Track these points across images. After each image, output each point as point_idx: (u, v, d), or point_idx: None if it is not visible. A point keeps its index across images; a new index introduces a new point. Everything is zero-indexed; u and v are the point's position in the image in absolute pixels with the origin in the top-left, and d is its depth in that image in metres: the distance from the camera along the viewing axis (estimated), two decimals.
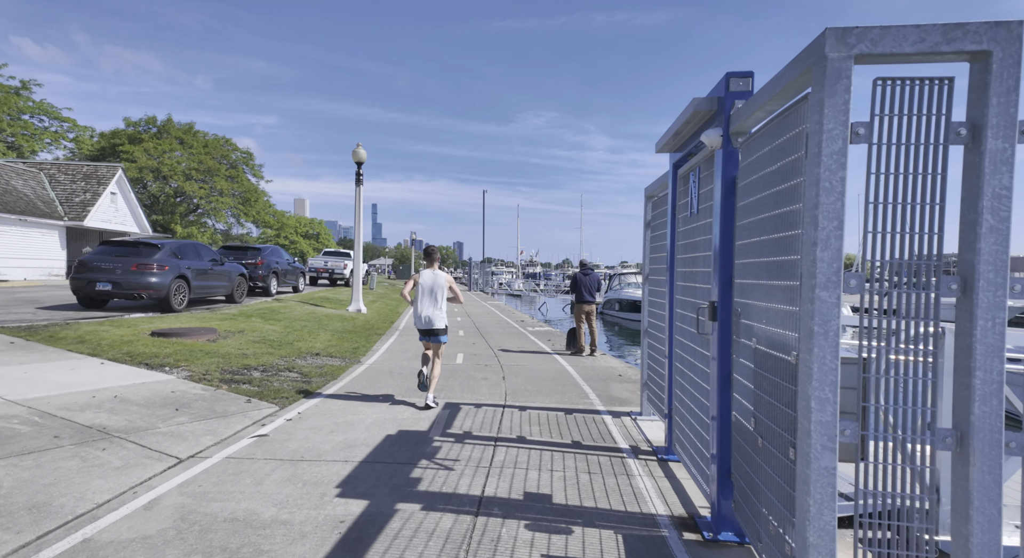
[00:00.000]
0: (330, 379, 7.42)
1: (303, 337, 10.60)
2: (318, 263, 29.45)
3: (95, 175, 26.41)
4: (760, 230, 2.83)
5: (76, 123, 35.48)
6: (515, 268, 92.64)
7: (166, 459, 4.17)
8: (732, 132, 3.30)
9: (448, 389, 7.05)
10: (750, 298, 3.00)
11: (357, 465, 4.22)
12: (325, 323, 13.11)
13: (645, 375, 6.06)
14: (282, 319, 12.53)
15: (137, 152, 31.68)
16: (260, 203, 38.04)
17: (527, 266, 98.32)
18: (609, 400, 6.76)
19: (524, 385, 7.44)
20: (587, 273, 10.62)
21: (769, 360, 2.67)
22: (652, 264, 5.83)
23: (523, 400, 6.59)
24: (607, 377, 8.24)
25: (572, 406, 6.38)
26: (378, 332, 13.10)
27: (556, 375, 8.24)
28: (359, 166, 17.53)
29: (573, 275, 10.75)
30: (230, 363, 7.74)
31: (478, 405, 6.27)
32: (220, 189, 33.83)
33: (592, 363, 9.55)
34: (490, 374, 8.16)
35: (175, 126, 35.88)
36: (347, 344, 10.55)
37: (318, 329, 11.93)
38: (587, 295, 10.50)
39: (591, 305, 10.55)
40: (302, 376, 7.47)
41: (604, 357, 10.44)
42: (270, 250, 19.61)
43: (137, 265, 12.19)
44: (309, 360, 8.65)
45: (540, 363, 9.33)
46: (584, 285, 10.49)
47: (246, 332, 10.18)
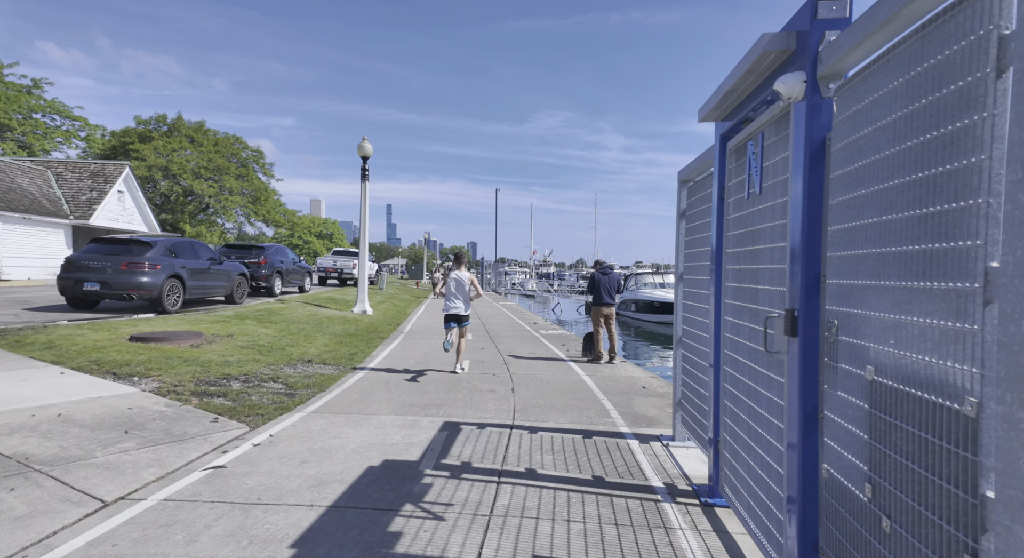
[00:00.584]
0: (317, 391, 6.60)
1: (297, 341, 9.82)
2: (327, 263, 28.85)
3: (102, 173, 26.03)
4: (883, 206, 1.92)
5: (88, 122, 35.33)
6: (528, 268, 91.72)
7: (87, 503, 3.35)
8: (821, 76, 2.38)
9: (449, 404, 6.18)
10: (860, 306, 2.08)
11: (324, 512, 3.37)
12: (325, 325, 12.34)
13: (678, 392, 5.13)
14: (279, 321, 11.78)
15: (146, 150, 31.33)
16: (270, 202, 37.58)
17: (541, 266, 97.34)
18: (634, 419, 5.84)
19: (536, 399, 6.55)
20: (605, 272, 9.68)
21: (904, 403, 1.75)
22: (688, 261, 4.91)
23: (534, 419, 5.70)
24: (629, 390, 7.32)
25: (591, 427, 5.48)
26: (381, 335, 12.29)
27: (572, 387, 7.34)
28: (365, 161, 16.77)
29: (590, 275, 9.82)
30: (208, 372, 6.95)
31: (482, 425, 5.39)
32: (230, 188, 33.38)
33: (612, 372, 8.63)
34: (498, 385, 7.29)
35: (185, 124, 35.54)
36: (344, 349, 9.74)
37: (316, 332, 11.15)
38: (606, 297, 9.57)
39: (610, 308, 9.62)
40: (286, 388, 6.66)
41: (624, 365, 9.51)
42: (274, 249, 18.96)
43: (127, 264, 11.53)
44: (299, 368, 7.84)
45: (554, 372, 8.44)
46: (602, 286, 9.57)
47: (236, 336, 9.41)
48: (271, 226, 38.56)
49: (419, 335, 12.68)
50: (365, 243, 17.08)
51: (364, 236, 17.07)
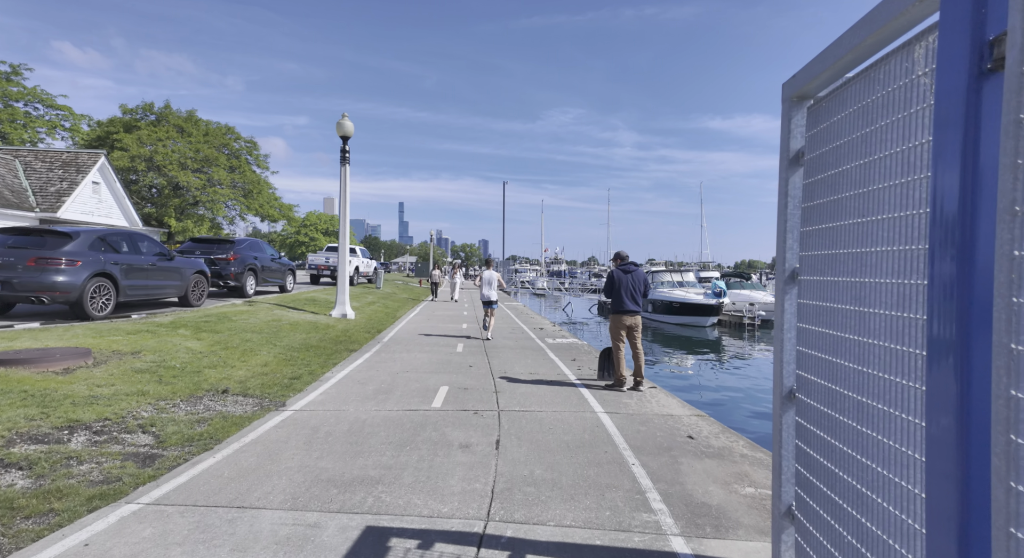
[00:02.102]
0: (199, 451, 4.34)
1: (228, 360, 7.58)
2: (319, 259, 26.68)
3: (75, 163, 24.07)
4: None
5: (72, 111, 33.50)
6: (539, 266, 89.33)
7: None
8: None
9: (391, 480, 3.89)
10: None
11: None
12: (283, 335, 10.11)
13: (787, 493, 2.79)
14: (223, 331, 9.56)
15: (128, 140, 29.37)
16: (264, 195, 35.50)
17: (552, 264, 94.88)
18: (690, 514, 3.51)
19: (530, 466, 4.24)
20: (628, 269, 7.31)
21: None
22: (807, 249, 2.56)
23: (524, 514, 3.39)
24: (671, 443, 4.98)
25: (620, 533, 3.16)
26: (351, 346, 10.04)
27: (586, 438, 5.01)
28: (345, 141, 14.55)
29: (609, 273, 7.45)
30: (49, 416, 4.72)
31: (428, 540, 3.09)
32: (219, 180, 31.35)
33: (640, 406, 6.30)
34: (477, 434, 4.99)
35: (174, 113, 33.58)
36: (288, 370, 7.50)
37: (264, 345, 8.92)
38: (628, 301, 7.20)
39: (635, 316, 7.27)
40: (154, 444, 4.41)
41: (655, 394, 7.16)
42: (247, 244, 16.78)
43: (36, 259, 9.36)
44: (201, 405, 5.59)
45: (561, 407, 6.12)
46: (624, 287, 7.21)
47: (143, 353, 7.19)
48: (266, 221, 36.56)
49: (398, 346, 10.42)
50: (345, 235, 14.84)
51: (344, 227, 14.83)
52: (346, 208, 14.69)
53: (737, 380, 13.91)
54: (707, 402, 11.02)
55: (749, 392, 12.44)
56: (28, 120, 31.44)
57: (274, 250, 18.78)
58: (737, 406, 10.94)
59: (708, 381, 13.83)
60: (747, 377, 14.28)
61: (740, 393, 12.30)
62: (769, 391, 11.97)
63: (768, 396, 11.56)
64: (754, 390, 12.69)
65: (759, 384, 13.26)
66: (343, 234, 14.80)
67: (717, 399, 11.58)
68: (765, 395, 11.95)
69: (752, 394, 12.30)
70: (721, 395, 12.10)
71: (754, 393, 12.35)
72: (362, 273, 28.83)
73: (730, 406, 10.86)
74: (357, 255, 28.30)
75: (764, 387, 12.82)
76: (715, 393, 12.28)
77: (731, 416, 9.76)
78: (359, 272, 28.10)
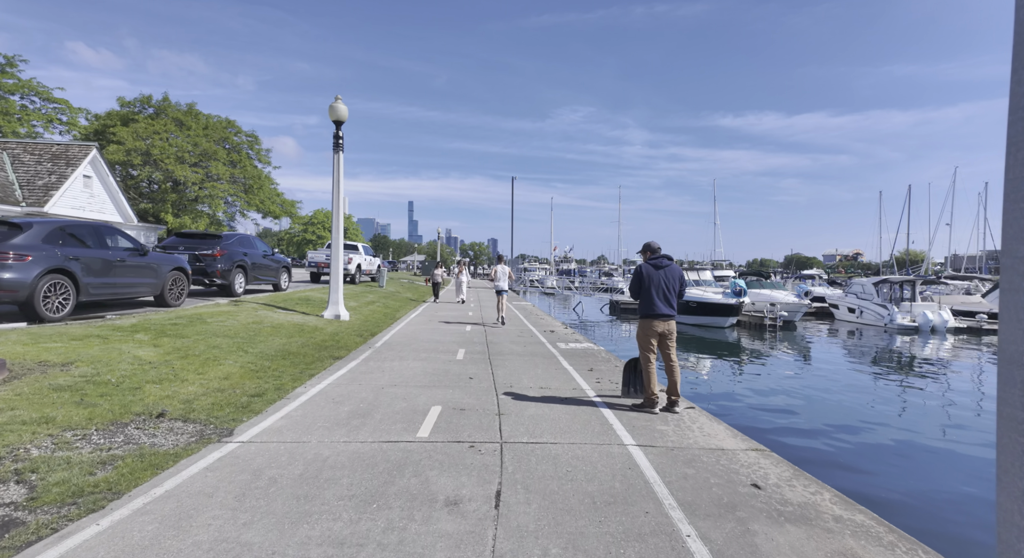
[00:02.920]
0: (76, 517, 3.11)
1: (182, 372, 6.37)
2: (319, 257, 25.56)
3: (64, 155, 23.08)
4: None
5: (70, 104, 32.59)
6: (548, 264, 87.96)
7: None
8: None
9: (338, 556, 2.66)
10: None
11: None
12: (260, 339, 8.92)
13: None
14: (189, 335, 8.38)
15: (123, 133, 28.38)
16: (266, 190, 34.43)
17: (561, 262, 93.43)
18: None
19: (543, 543, 2.97)
20: (661, 264, 6.01)
21: None
22: None
23: None
24: (732, 497, 3.69)
25: None
26: (337, 352, 8.83)
27: (617, 490, 3.73)
28: (338, 127, 13.35)
29: (637, 268, 6.15)
30: None
31: None
32: (217, 174, 30.29)
33: (679, 435, 5.02)
34: (471, 481, 3.73)
35: (173, 106, 32.60)
36: (253, 383, 6.29)
37: (233, 352, 7.72)
38: (661, 304, 5.90)
39: (668, 321, 5.96)
40: (17, 506, 3.19)
41: (695, 417, 5.86)
42: (236, 239, 15.62)
43: None
44: (123, 435, 4.38)
45: (580, 436, 4.85)
46: (656, 285, 5.91)
47: (76, 364, 5.99)
48: (268, 217, 35.53)
49: (391, 352, 9.18)
50: (339, 230, 13.64)
51: (338, 220, 13.62)
52: (340, 199, 13.49)
53: (782, 395, 11.93)
54: (757, 427, 9.18)
55: (803, 412, 10.48)
56: (24, 113, 30.57)
57: (267, 246, 17.63)
58: (796, 433, 9.00)
59: (745, 395, 11.94)
60: (793, 391, 12.29)
61: (793, 414, 10.23)
62: (833, 412, 10.27)
63: (833, 418, 9.84)
64: (808, 409, 10.58)
65: (812, 399, 11.45)
66: (336, 228, 13.60)
67: (767, 422, 9.66)
68: (826, 416, 10.00)
69: (808, 414, 10.27)
70: (769, 416, 10.13)
71: (810, 413, 10.38)
72: (365, 271, 27.69)
73: (787, 433, 9.00)
74: (359, 252, 27.15)
75: (821, 404, 10.95)
76: (760, 412, 10.34)
77: (794, 448, 8.01)
78: (361, 270, 26.96)
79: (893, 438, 8.86)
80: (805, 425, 9.47)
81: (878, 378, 14.33)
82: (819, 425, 9.47)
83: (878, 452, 8.12)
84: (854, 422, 9.73)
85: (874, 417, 10.15)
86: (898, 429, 9.41)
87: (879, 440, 8.72)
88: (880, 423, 9.73)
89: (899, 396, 12.20)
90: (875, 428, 9.39)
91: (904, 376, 14.79)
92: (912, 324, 27.23)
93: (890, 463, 7.61)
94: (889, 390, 12.84)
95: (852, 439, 8.71)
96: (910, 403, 11.56)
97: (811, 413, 10.32)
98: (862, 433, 9.08)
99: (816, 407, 10.79)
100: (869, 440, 8.70)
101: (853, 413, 10.37)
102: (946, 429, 9.51)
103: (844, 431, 9.12)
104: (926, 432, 9.25)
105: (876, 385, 13.32)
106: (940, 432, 9.32)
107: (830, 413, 10.33)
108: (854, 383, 13.53)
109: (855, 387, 12.99)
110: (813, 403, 11.12)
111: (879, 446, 8.41)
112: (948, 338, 25.16)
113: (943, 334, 26.39)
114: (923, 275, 40.74)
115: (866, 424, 9.64)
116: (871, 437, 8.86)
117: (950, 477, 7.16)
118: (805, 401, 11.28)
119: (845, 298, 32.60)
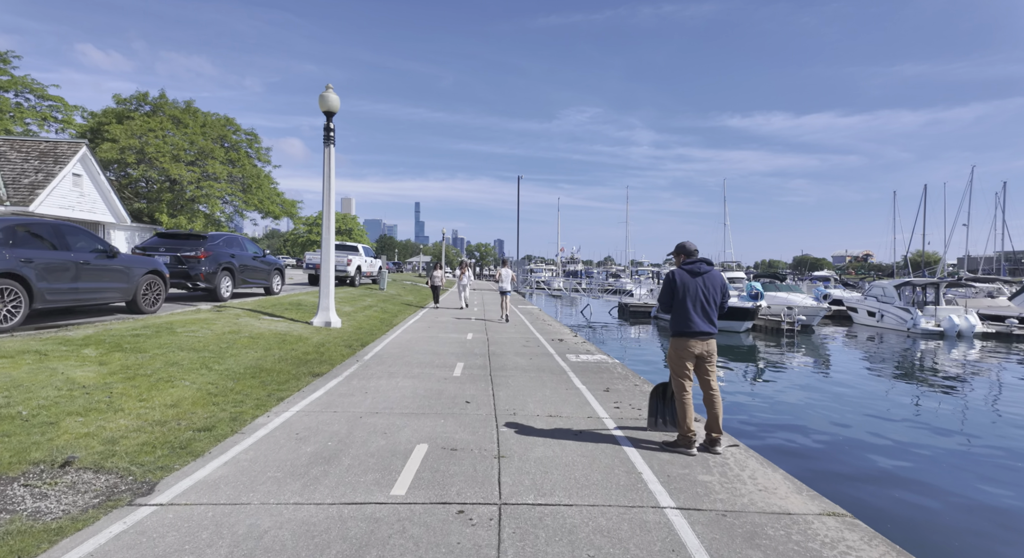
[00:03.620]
0: None
1: (121, 398, 5.32)
2: (316, 258, 24.54)
3: (53, 153, 22.21)
4: None
5: (66, 102, 31.79)
6: (555, 266, 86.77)
7: None
8: None
9: None
10: None
11: None
12: (231, 353, 7.88)
13: None
14: (148, 350, 7.34)
15: (117, 130, 27.50)
16: (265, 190, 33.48)
17: (567, 263, 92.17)
18: None
19: None
20: (698, 270, 4.89)
21: None
22: None
23: None
24: None
25: None
26: (319, 367, 7.77)
27: None
28: (329, 118, 12.32)
29: (668, 276, 5.05)
30: None
31: None
32: (214, 173, 29.37)
33: (729, 490, 3.92)
34: None
35: (170, 104, 31.73)
36: (205, 412, 5.23)
37: (194, 370, 6.67)
38: (699, 319, 4.78)
39: (708, 340, 4.84)
40: None
41: (739, 456, 4.74)
42: (223, 239, 14.62)
43: None
44: None
45: (602, 494, 3.76)
46: (693, 296, 4.80)
47: None
48: (267, 217, 34.56)
49: (381, 367, 8.12)
50: (330, 229, 12.59)
51: (329, 219, 12.57)
52: (331, 195, 12.45)
53: (824, 415, 10.20)
54: (815, 468, 7.41)
55: (860, 441, 8.72)
56: (18, 111, 29.79)
57: (257, 247, 16.62)
58: (866, 478, 7.12)
59: (781, 415, 10.18)
60: (836, 411, 10.60)
61: (850, 447, 8.39)
62: (900, 442, 8.49)
63: (905, 453, 8.17)
64: (865, 436, 8.94)
65: (863, 422, 9.78)
66: (327, 227, 12.56)
67: (822, 458, 7.85)
68: (895, 449, 8.30)
69: (870, 445, 8.44)
70: (821, 448, 8.29)
71: (871, 443, 8.57)
72: (365, 273, 26.68)
73: (854, 478, 7.13)
74: (359, 253, 26.16)
75: (879, 430, 9.32)
76: (808, 443, 8.60)
77: (875, 505, 6.29)
78: (361, 272, 25.95)
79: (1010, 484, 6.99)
80: (873, 465, 7.64)
81: (929, 393, 12.93)
82: (889, 462, 7.77)
83: (992, 512, 6.19)
84: (932, 457, 8.05)
85: (955, 451, 8.38)
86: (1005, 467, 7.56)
87: (985, 490, 6.80)
88: (969, 460, 7.98)
89: (969, 418, 10.61)
90: (965, 467, 7.62)
91: (962, 389, 13.44)
92: (937, 329, 25.93)
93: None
94: (951, 410, 11.25)
95: (945, 486, 6.93)
96: (994, 427, 9.85)
97: (872, 443, 8.70)
98: (950, 474, 7.33)
99: (874, 433, 9.24)
100: (964, 488, 6.87)
101: (925, 444, 8.69)
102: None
103: (928, 472, 7.38)
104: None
105: (932, 404, 11.77)
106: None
107: (898, 445, 8.57)
108: (904, 399, 12.21)
109: (910, 406, 11.58)
110: (867, 427, 9.60)
111: (987, 502, 6.47)
112: (976, 344, 23.86)
113: (970, 340, 25.08)
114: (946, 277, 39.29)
115: (949, 460, 7.89)
116: (963, 481, 7.08)
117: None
118: (855, 424, 9.73)
119: (864, 301, 31.28)
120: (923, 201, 55.30)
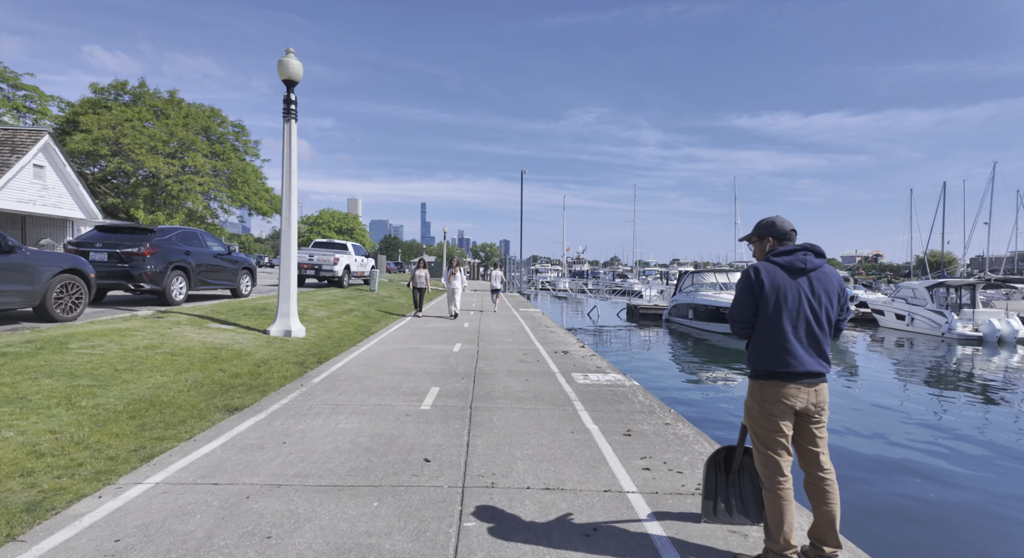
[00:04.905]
0: None
1: None
2: (302, 258, 22.56)
3: (11, 142, 20.38)
4: None
5: (40, 92, 30.04)
6: (561, 266, 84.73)
7: None
8: None
9: None
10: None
11: None
12: (127, 378, 5.89)
13: None
14: (4, 375, 5.37)
15: (89, 121, 25.67)
16: (252, 185, 31.61)
17: (573, 264, 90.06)
18: None
19: None
20: (805, 263, 2.80)
21: None
22: None
23: None
24: None
25: None
26: (242, 399, 5.78)
27: None
28: (289, 89, 10.37)
29: (744, 274, 2.98)
30: None
31: None
32: (194, 166, 27.50)
33: None
34: None
35: (150, 94, 29.90)
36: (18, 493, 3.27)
37: (50, 406, 4.69)
38: (802, 351, 2.74)
39: (819, 385, 2.81)
40: None
41: None
42: (177, 234, 12.67)
43: None
44: None
45: None
46: (794, 310, 2.77)
47: None
48: (253, 214, 32.68)
49: (328, 395, 6.10)
50: (292, 222, 10.60)
51: (290, 205, 10.58)
52: (292, 176, 10.46)
53: (885, 445, 8.38)
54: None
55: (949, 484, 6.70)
56: None
57: (223, 243, 14.65)
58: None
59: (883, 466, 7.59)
60: (895, 436, 8.90)
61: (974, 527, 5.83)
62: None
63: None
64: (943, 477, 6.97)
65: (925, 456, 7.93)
66: (286, 219, 10.56)
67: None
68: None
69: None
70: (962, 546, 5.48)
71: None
72: (355, 273, 24.69)
73: None
74: (349, 252, 24.19)
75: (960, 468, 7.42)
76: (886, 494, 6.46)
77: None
78: (351, 272, 23.97)
79: None
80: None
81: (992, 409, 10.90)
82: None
83: None
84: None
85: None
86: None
87: None
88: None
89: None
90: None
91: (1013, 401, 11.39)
92: (975, 334, 23.76)
93: None
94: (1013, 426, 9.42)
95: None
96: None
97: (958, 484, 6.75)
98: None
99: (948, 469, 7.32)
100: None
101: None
102: None
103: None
104: None
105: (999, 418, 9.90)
106: None
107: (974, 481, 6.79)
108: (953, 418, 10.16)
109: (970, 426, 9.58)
110: (933, 461, 7.65)
111: None
112: (1020, 350, 21.71)
113: (1012, 345, 22.89)
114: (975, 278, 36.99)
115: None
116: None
117: None
118: (915, 458, 7.77)
119: (892, 303, 29.10)
120: (942, 198, 53.01)
